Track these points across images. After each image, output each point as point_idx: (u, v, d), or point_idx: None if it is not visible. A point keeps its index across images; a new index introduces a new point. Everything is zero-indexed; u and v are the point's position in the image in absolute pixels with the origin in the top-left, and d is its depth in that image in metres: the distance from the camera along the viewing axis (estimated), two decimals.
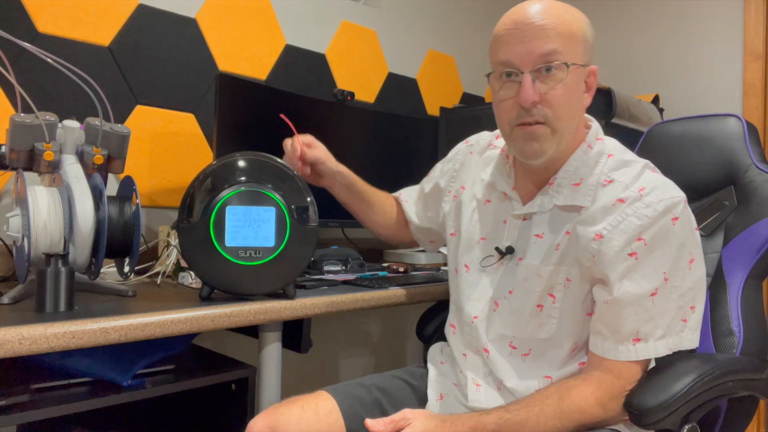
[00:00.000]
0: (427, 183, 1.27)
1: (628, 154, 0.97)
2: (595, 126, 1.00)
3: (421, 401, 1.08)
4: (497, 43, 0.93)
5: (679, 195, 0.90)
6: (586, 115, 1.00)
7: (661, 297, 0.88)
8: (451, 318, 1.11)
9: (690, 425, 0.89)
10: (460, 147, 1.22)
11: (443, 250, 1.24)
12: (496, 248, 1.02)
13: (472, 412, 0.94)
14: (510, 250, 1.00)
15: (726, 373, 0.92)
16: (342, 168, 1.26)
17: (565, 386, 0.89)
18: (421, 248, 1.38)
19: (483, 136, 1.18)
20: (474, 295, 1.03)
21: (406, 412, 0.88)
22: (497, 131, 1.15)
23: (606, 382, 0.89)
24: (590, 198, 0.93)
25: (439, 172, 1.24)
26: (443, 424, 0.87)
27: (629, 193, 0.90)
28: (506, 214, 1.03)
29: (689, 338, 0.91)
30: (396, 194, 1.34)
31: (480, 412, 0.89)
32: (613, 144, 0.99)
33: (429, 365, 1.14)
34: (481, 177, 1.11)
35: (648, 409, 0.85)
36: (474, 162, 1.15)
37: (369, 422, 0.84)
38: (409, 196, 1.32)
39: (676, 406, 0.86)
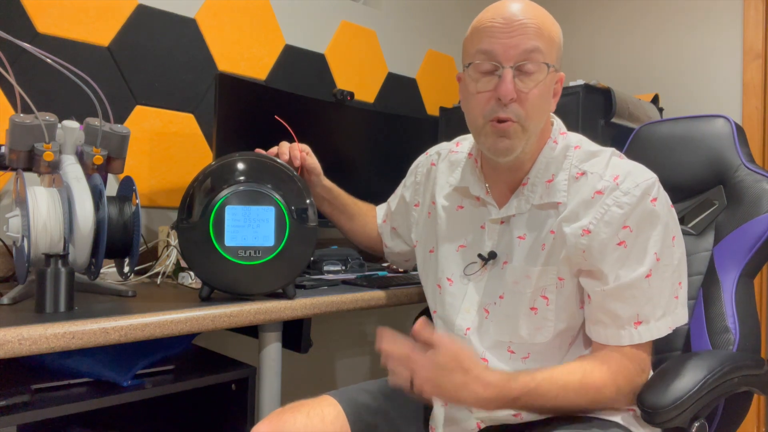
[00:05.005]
0: (393, 200, 1.29)
1: (593, 145, 0.99)
2: (558, 122, 1.01)
3: (426, 407, 1.07)
4: (479, 34, 0.92)
5: (651, 176, 0.92)
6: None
7: (656, 277, 0.89)
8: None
9: (699, 422, 0.90)
10: (420, 159, 1.24)
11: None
12: (479, 255, 1.01)
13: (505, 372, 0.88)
14: (493, 255, 0.99)
15: (732, 370, 0.93)
16: (330, 183, 1.28)
17: (589, 365, 0.89)
18: None
19: (442, 146, 1.19)
20: (463, 306, 1.01)
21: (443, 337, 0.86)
22: (456, 140, 1.16)
23: (622, 364, 0.90)
24: (564, 193, 0.94)
25: (402, 187, 1.27)
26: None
27: (605, 183, 0.91)
28: (483, 219, 1.02)
29: (681, 314, 0.94)
30: (378, 210, 1.36)
31: (507, 376, 0.85)
32: (577, 137, 1.00)
33: None
34: (448, 182, 1.10)
35: (662, 407, 0.85)
36: (441, 171, 1.14)
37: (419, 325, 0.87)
38: (382, 218, 1.33)
39: (689, 403, 0.86)
